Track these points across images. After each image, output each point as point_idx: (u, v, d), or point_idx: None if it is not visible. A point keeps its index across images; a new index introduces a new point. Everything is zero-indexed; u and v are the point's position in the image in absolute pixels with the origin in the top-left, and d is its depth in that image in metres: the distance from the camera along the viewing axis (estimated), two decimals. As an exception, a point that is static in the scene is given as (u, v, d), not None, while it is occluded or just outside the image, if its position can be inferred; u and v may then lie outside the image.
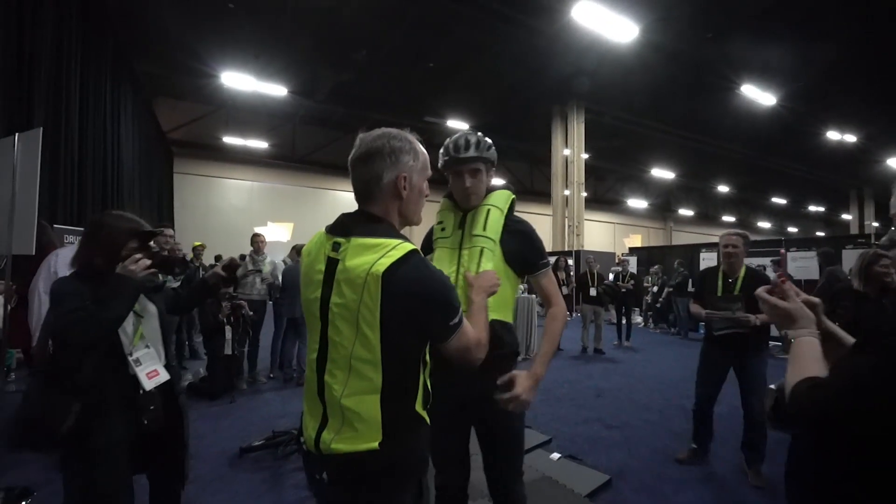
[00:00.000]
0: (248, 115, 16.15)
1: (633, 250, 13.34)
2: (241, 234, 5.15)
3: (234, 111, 15.94)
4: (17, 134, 2.35)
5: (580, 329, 7.39)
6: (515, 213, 1.70)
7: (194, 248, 7.00)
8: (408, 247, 0.98)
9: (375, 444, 0.97)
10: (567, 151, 14.93)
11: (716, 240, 3.33)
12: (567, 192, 15.07)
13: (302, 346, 4.94)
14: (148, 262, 1.51)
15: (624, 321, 7.98)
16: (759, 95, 12.39)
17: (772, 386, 0.95)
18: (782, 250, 8.49)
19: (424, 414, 1.07)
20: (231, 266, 1.87)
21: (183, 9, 9.93)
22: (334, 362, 0.99)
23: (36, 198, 2.31)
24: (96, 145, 8.35)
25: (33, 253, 2.35)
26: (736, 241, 2.85)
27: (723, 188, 26.14)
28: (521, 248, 1.58)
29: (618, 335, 8.10)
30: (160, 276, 1.65)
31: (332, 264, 1.01)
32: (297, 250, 5.15)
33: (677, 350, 7.59)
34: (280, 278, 4.98)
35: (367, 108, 15.47)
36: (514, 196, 1.71)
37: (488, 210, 1.61)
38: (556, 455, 3.17)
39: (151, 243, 1.62)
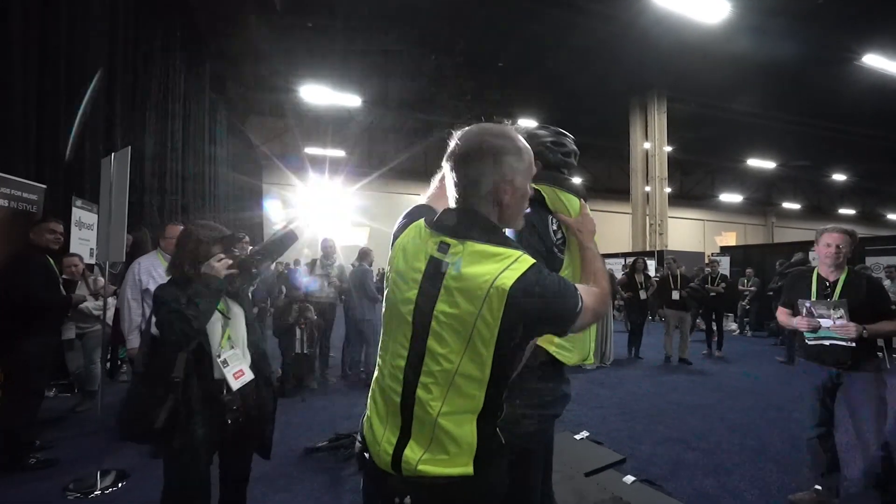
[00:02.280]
0: (327, 125, 17.12)
1: (725, 249, 12.03)
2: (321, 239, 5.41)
3: (314, 123, 16.99)
4: (112, 154, 2.62)
5: (662, 336, 6.77)
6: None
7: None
8: (530, 259, 0.89)
9: (470, 469, 0.89)
10: (647, 145, 13.91)
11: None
12: (648, 189, 14.03)
13: (368, 347, 5.04)
14: (229, 261, 1.64)
15: (714, 328, 7.18)
16: (886, 65, 10.55)
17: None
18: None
19: (499, 434, 0.98)
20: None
21: (268, 33, 10.74)
22: (432, 376, 0.90)
23: (126, 209, 2.54)
24: (196, 160, 9.32)
25: (123, 259, 2.63)
26: (839, 239, 2.38)
27: (839, 177, 22.77)
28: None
29: (707, 344, 7.32)
30: (238, 281, 1.74)
31: (436, 266, 0.92)
32: (360, 254, 5.26)
33: (780, 362, 6.67)
34: (347, 281, 5.13)
35: (439, 112, 15.67)
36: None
37: None
38: (629, 478, 2.87)
39: (234, 249, 1.75)
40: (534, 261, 0.90)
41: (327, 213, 18.41)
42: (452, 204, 0.99)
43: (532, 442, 1.35)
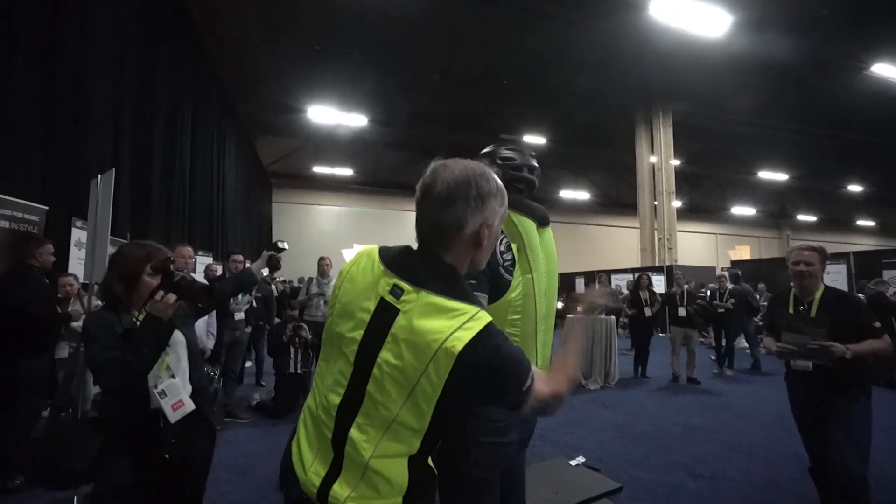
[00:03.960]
0: (334, 144, 17.37)
1: (735, 264, 11.77)
2: (330, 256, 5.42)
3: (322, 142, 17.25)
4: (99, 175, 2.65)
5: (669, 354, 6.59)
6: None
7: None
8: (486, 318, 0.85)
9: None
10: (654, 158, 13.81)
11: (846, 248, 2.65)
12: (656, 203, 13.88)
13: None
14: (174, 297, 1.47)
15: (724, 346, 6.97)
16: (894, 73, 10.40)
17: None
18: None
19: (432, 465, 0.95)
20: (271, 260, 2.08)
21: (277, 55, 11.02)
22: (369, 419, 0.86)
23: (108, 228, 2.56)
24: (204, 179, 9.49)
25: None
26: (809, 257, 2.30)
27: (855, 188, 22.30)
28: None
29: (717, 362, 7.10)
30: (183, 310, 1.60)
31: (386, 310, 0.87)
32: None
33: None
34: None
35: (444, 129, 15.82)
36: None
37: None
38: (625, 506, 2.74)
39: (175, 268, 1.59)
40: (489, 320, 0.85)
41: (334, 232, 18.64)
42: (416, 242, 0.95)
43: (485, 471, 1.28)
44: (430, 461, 0.94)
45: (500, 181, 0.96)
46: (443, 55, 11.18)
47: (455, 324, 0.82)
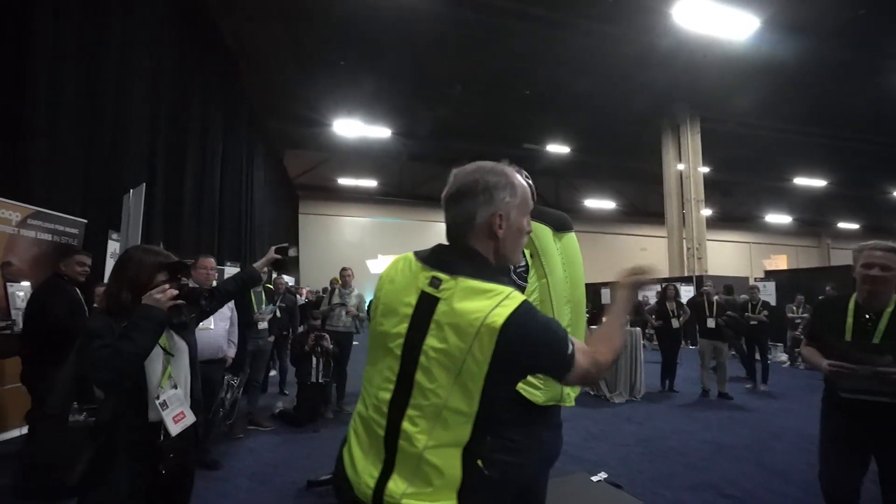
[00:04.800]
0: (359, 157, 17.72)
1: (770, 274, 11.29)
2: (355, 267, 5.53)
3: (347, 155, 17.62)
4: (131, 190, 2.79)
5: (699, 368, 6.34)
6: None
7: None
8: (521, 296, 0.90)
9: (454, 503, 0.88)
10: (681, 166, 13.48)
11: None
12: (685, 211, 13.52)
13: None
14: (175, 292, 1.43)
15: (758, 359, 6.67)
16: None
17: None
18: None
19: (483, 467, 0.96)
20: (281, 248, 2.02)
21: (303, 72, 11.38)
22: (420, 409, 0.89)
23: (139, 239, 2.68)
24: (234, 192, 9.83)
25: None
26: (886, 259, 1.84)
27: (901, 194, 21.16)
28: None
29: (751, 377, 6.79)
30: (185, 313, 1.53)
31: (428, 301, 0.92)
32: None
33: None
34: (366, 311, 5.15)
35: (467, 140, 15.90)
36: None
37: None
38: (648, 526, 2.64)
39: (182, 278, 1.58)
40: (524, 297, 0.89)
41: (359, 243, 18.91)
42: (446, 241, 1.02)
43: (494, 489, 1.26)
44: (480, 463, 0.93)
45: (518, 177, 1.02)
46: (465, 68, 11.30)
47: (493, 302, 0.86)
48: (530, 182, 1.58)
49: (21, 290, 3.43)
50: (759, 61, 10.01)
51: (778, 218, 23.73)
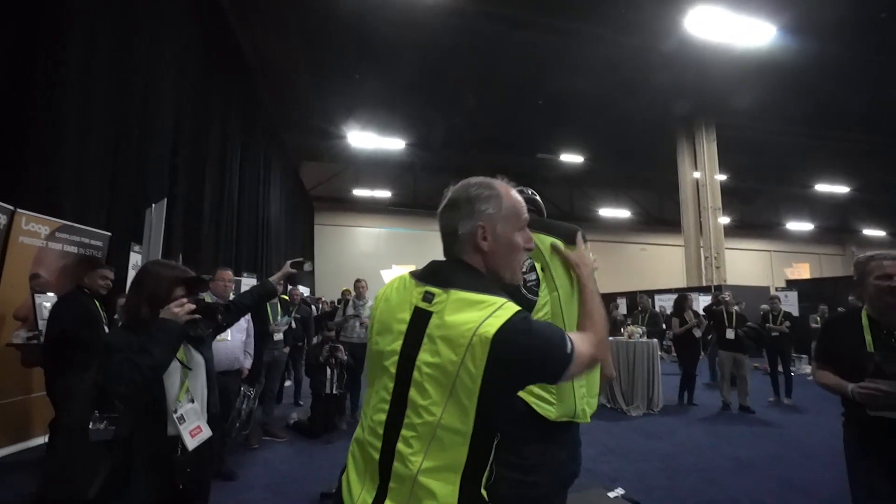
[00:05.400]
0: (373, 168, 17.93)
1: (791, 283, 11.01)
2: (369, 277, 5.58)
3: (361, 166, 17.85)
4: (153, 205, 2.88)
5: (719, 381, 6.19)
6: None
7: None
8: (514, 307, 0.88)
9: None
10: (697, 174, 13.32)
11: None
12: (701, 220, 13.32)
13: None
14: (192, 306, 1.46)
15: (781, 371, 6.48)
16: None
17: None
18: None
19: (485, 494, 0.92)
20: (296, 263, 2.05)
21: (319, 85, 11.63)
22: (414, 429, 0.86)
23: (159, 252, 2.76)
24: (251, 204, 10.03)
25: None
26: None
27: (930, 200, 20.47)
28: None
29: (774, 389, 6.59)
30: (201, 327, 1.57)
31: (421, 316, 0.91)
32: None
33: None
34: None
35: (481, 150, 16.00)
36: None
37: None
38: (667, 545, 2.57)
39: (204, 293, 1.67)
40: (518, 308, 0.87)
41: (374, 253, 19.04)
42: (443, 256, 1.03)
43: None
44: (483, 492, 0.90)
45: (509, 190, 1.01)
46: (478, 78, 11.41)
47: (485, 313, 0.84)
48: (536, 198, 1.59)
49: (48, 302, 3.54)
50: (776, 67, 9.89)
51: (799, 225, 23.17)
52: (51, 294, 3.71)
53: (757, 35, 8.59)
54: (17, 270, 3.71)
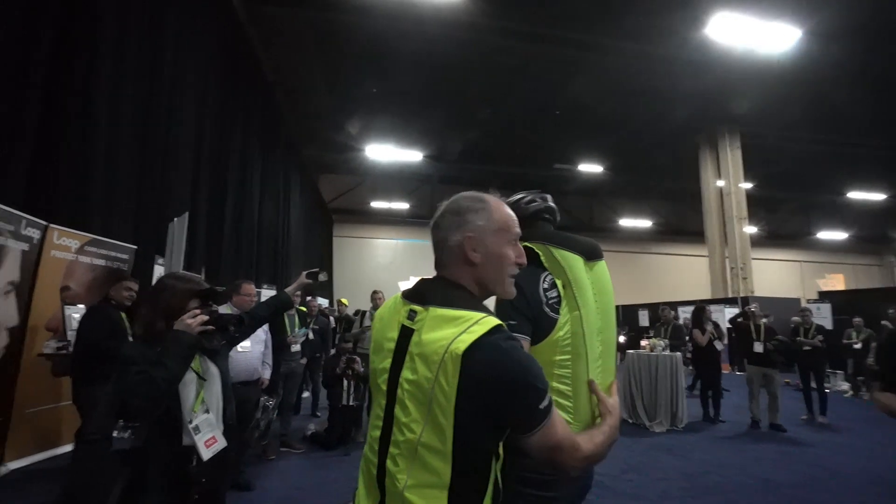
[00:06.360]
0: (391, 180, 18.11)
1: (824, 295, 10.56)
2: (387, 289, 5.60)
3: (379, 178, 18.06)
4: (175, 218, 2.97)
5: (746, 397, 5.95)
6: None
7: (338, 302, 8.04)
8: (492, 321, 0.86)
9: None
10: (721, 183, 13.01)
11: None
12: (726, 230, 12.97)
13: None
14: (205, 318, 1.48)
15: (815, 388, 6.18)
16: None
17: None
18: None
19: None
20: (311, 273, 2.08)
21: (337, 100, 11.89)
22: (398, 446, 0.88)
23: (181, 265, 2.83)
24: (271, 218, 10.25)
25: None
26: None
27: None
28: None
29: (807, 407, 6.29)
30: (216, 339, 1.58)
31: (406, 334, 0.93)
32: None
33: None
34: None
35: (497, 162, 16.02)
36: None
37: None
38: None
39: (218, 304, 1.68)
40: (497, 323, 0.85)
41: (391, 265, 19.16)
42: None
43: None
44: None
45: (500, 204, 1.01)
46: (494, 92, 11.47)
47: (459, 329, 0.84)
48: (552, 205, 1.55)
49: (77, 313, 3.67)
50: (802, 72, 9.63)
51: (832, 234, 22.29)
52: (80, 306, 3.85)
53: (781, 40, 8.40)
54: (49, 283, 3.86)
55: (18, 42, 3.60)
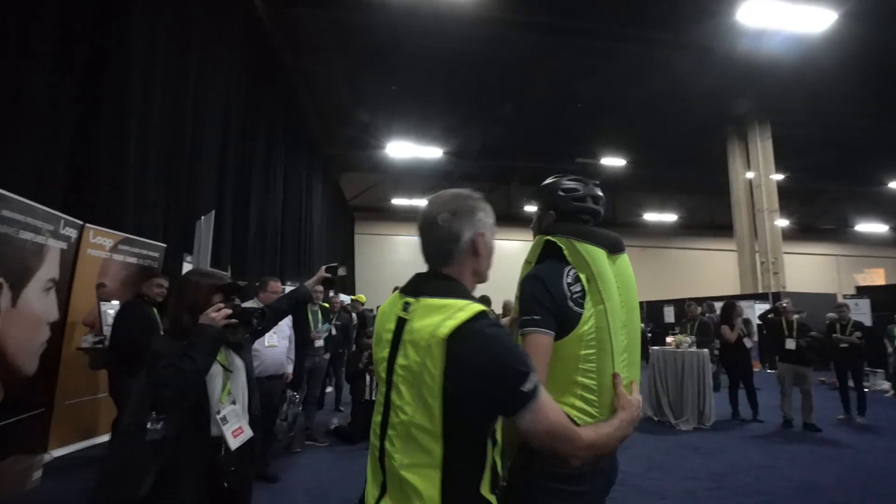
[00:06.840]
0: (412, 177, 18.19)
1: (863, 290, 10.09)
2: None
3: (400, 175, 18.16)
4: (202, 217, 3.05)
5: (778, 395, 5.75)
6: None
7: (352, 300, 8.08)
8: (476, 308, 0.92)
9: None
10: (751, 174, 12.57)
11: None
12: (756, 223, 12.54)
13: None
14: (228, 311, 1.53)
15: (852, 386, 5.93)
16: None
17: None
18: None
19: (493, 499, 0.96)
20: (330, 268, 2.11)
21: (358, 98, 11.98)
22: (394, 428, 0.95)
23: (208, 262, 2.91)
24: (294, 216, 10.45)
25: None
26: None
27: None
28: None
29: (844, 406, 6.03)
30: (240, 332, 1.64)
31: (401, 324, 1.00)
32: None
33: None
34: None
35: (518, 158, 15.89)
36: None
37: None
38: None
39: (235, 298, 1.68)
40: (481, 308, 0.91)
41: (412, 262, 19.24)
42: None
43: None
44: (483, 490, 0.92)
45: (480, 201, 1.08)
46: (516, 86, 11.36)
47: (445, 316, 0.90)
48: (600, 193, 1.52)
49: (111, 309, 3.82)
50: (838, 56, 9.17)
51: (871, 227, 21.29)
52: (115, 302, 4.01)
53: (816, 23, 8.02)
54: (86, 280, 4.03)
55: (55, 54, 3.77)
